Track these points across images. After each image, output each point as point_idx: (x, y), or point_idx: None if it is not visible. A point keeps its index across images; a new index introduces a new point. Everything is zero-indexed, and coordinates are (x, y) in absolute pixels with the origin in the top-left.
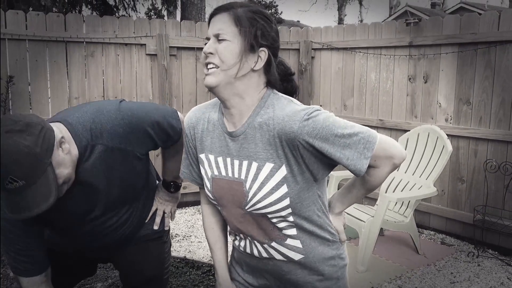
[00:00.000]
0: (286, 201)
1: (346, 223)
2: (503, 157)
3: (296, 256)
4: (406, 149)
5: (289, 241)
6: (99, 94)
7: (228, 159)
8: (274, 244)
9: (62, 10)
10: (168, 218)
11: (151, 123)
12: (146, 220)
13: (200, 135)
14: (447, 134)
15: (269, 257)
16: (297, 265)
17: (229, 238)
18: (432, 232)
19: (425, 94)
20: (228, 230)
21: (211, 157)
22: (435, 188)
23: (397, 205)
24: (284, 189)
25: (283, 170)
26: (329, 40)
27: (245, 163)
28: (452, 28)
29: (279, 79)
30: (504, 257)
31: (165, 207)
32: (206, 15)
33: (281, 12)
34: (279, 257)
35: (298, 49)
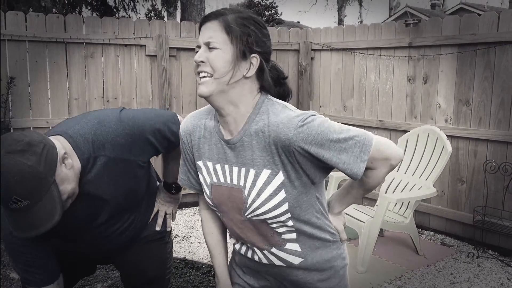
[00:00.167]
0: (285, 206)
1: (346, 223)
2: (503, 158)
3: (296, 260)
4: (406, 150)
5: (288, 246)
6: (99, 95)
7: (227, 166)
8: (274, 250)
9: (62, 11)
10: (170, 219)
11: (153, 131)
12: (149, 222)
13: (197, 142)
14: (447, 135)
15: (269, 264)
16: (298, 268)
17: (230, 241)
18: (432, 233)
19: (425, 95)
20: (229, 234)
21: (209, 164)
22: (435, 189)
23: (397, 206)
24: (282, 195)
25: (281, 176)
26: (329, 41)
27: (243, 170)
28: (452, 29)
29: (273, 84)
30: (504, 258)
31: (167, 208)
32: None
33: (281, 13)
34: (279, 263)
35: (298, 50)
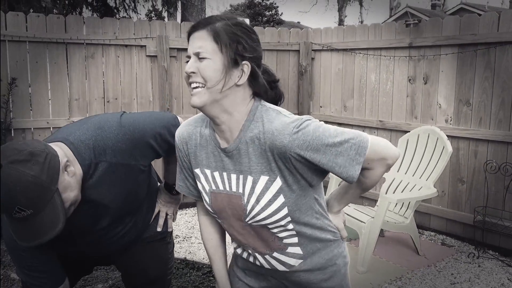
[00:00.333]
0: (285, 211)
1: (346, 222)
2: (503, 158)
3: (297, 263)
4: (406, 150)
5: (290, 249)
6: (100, 96)
7: (225, 174)
8: (276, 254)
9: (63, 12)
10: (171, 220)
11: (153, 135)
12: (150, 223)
13: (194, 150)
14: (447, 135)
15: (271, 268)
16: (300, 270)
17: (230, 244)
18: (433, 233)
19: (425, 95)
20: (231, 238)
21: (207, 172)
22: (435, 189)
23: (397, 206)
24: (281, 199)
25: (278, 182)
26: (329, 41)
27: (241, 177)
28: (452, 29)
29: (265, 89)
30: (505, 258)
31: (167, 209)
32: (207, 16)
33: (282, 13)
34: (282, 268)
35: (298, 50)
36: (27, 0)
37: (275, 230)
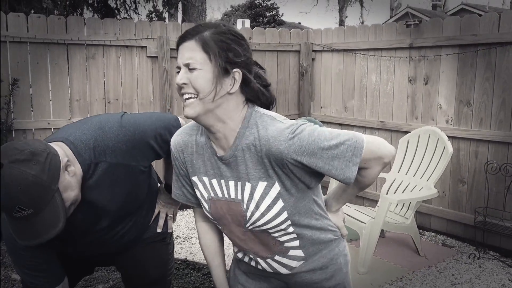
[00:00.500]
0: (284, 215)
1: (346, 222)
2: (504, 159)
3: (299, 264)
4: (407, 151)
5: (291, 252)
6: (100, 96)
7: (223, 181)
8: (277, 258)
9: (64, 13)
10: (171, 221)
11: (154, 136)
12: (150, 223)
13: (190, 158)
14: (448, 136)
15: (274, 272)
16: (302, 271)
17: (234, 249)
18: (433, 234)
19: (426, 96)
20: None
21: (205, 179)
22: (436, 190)
23: (398, 207)
24: (280, 204)
25: (277, 187)
26: (330, 42)
27: (239, 184)
28: (453, 30)
29: (257, 95)
30: (505, 259)
31: (168, 210)
32: (207, 17)
33: (282, 14)
34: (284, 271)
35: (299, 51)
36: (28, 1)
37: (276, 235)
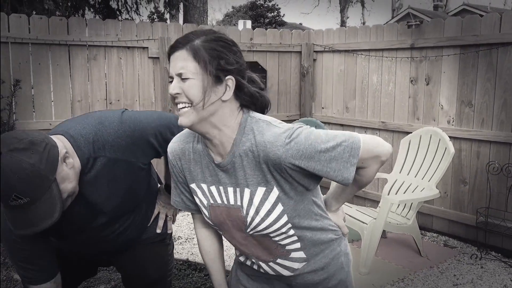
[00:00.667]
0: (284, 218)
1: (345, 219)
2: (506, 159)
3: (301, 266)
4: (408, 151)
5: (293, 254)
6: (102, 97)
7: (221, 188)
8: (279, 261)
9: (65, 14)
10: (170, 221)
11: (154, 134)
12: (149, 224)
13: (188, 166)
14: (449, 136)
15: (276, 274)
16: (305, 272)
17: (235, 252)
18: (435, 234)
19: (427, 96)
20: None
21: (204, 186)
22: (438, 190)
23: (400, 207)
24: (280, 208)
25: (276, 191)
26: (331, 43)
27: (238, 190)
28: (454, 30)
29: (252, 100)
30: (507, 259)
31: (167, 211)
32: (209, 18)
33: (284, 15)
34: (286, 273)
35: (300, 52)
36: (30, 2)
37: (277, 239)
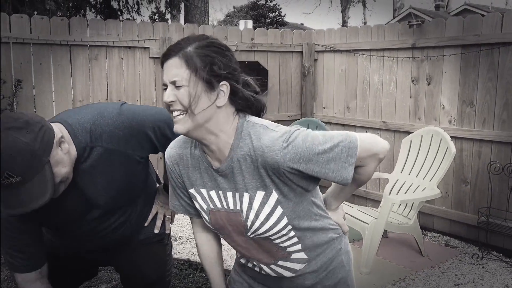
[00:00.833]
0: (284, 220)
1: (345, 217)
2: (507, 159)
3: (303, 266)
4: (410, 151)
5: (294, 256)
6: (103, 97)
7: (221, 192)
8: (281, 263)
9: (66, 14)
10: (169, 222)
11: (152, 127)
12: (146, 224)
13: (186, 171)
14: (451, 136)
15: (278, 276)
16: (306, 273)
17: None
18: (436, 234)
19: (428, 96)
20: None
21: (203, 191)
22: (439, 190)
23: (401, 207)
24: (280, 210)
25: (275, 195)
26: (332, 43)
27: (238, 195)
28: (455, 30)
29: (247, 103)
30: (509, 259)
31: (166, 211)
32: (210, 18)
33: (285, 15)
34: (288, 274)
35: (301, 52)
36: (31, 2)
37: (278, 241)
